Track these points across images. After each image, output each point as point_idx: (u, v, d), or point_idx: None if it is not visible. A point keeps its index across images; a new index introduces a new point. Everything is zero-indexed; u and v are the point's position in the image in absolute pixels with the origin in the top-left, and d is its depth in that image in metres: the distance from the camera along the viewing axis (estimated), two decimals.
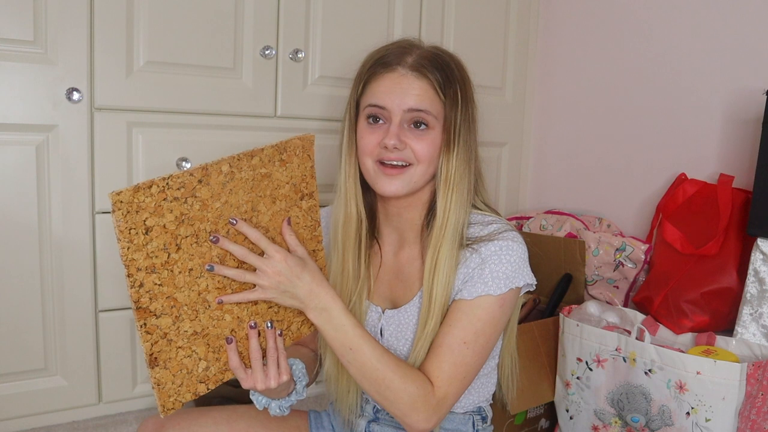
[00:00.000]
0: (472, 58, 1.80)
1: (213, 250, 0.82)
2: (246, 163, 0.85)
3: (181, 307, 0.80)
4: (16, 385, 1.31)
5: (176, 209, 0.78)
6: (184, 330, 0.81)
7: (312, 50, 1.52)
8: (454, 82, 0.97)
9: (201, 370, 0.84)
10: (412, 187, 0.96)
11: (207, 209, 0.81)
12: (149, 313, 0.77)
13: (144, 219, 0.75)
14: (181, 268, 0.79)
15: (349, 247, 1.01)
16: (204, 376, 0.84)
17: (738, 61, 1.45)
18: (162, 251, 0.77)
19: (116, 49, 1.30)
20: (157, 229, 0.76)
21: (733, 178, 1.39)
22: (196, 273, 0.80)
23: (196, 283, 0.81)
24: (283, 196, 0.90)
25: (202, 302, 0.82)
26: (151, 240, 0.76)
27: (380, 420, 1.07)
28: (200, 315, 0.82)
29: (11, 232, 1.26)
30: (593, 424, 1.28)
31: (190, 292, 0.80)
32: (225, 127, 1.44)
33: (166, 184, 0.77)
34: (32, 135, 1.26)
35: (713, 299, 1.31)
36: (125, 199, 0.74)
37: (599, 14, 1.78)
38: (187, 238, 0.79)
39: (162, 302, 0.78)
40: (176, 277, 0.78)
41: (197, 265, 0.80)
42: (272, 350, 0.87)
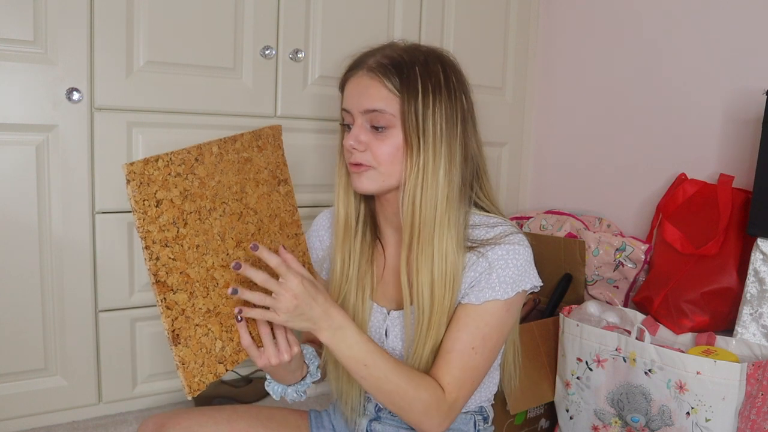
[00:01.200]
0: (472, 58, 1.82)
1: (215, 227, 0.84)
2: (231, 146, 0.88)
3: (193, 284, 0.81)
4: (16, 385, 1.31)
5: (180, 184, 0.80)
6: (199, 307, 0.82)
7: (312, 50, 1.52)
8: (415, 78, 0.93)
9: (218, 349, 0.85)
10: (382, 185, 0.96)
11: (204, 187, 0.83)
12: (167, 287, 0.79)
13: (154, 191, 0.78)
14: (189, 244, 0.81)
15: (346, 249, 1.02)
16: (221, 355, 0.85)
17: (738, 61, 1.45)
18: (172, 225, 0.79)
19: (116, 49, 1.30)
20: (166, 202, 0.78)
21: (733, 178, 1.39)
22: (203, 250, 0.82)
23: (203, 259, 0.82)
24: (264, 180, 0.93)
25: (210, 279, 0.83)
26: (162, 213, 0.78)
27: (382, 419, 1.07)
28: (210, 293, 0.84)
29: (11, 232, 1.26)
30: (593, 424, 1.27)
31: (200, 268, 0.82)
32: (225, 127, 1.44)
33: (170, 159, 0.80)
34: (32, 135, 1.26)
35: (713, 299, 1.31)
36: (137, 170, 0.76)
37: (599, 15, 1.78)
38: (192, 214, 0.81)
39: (177, 277, 0.79)
40: (186, 253, 0.80)
41: (202, 242, 0.82)
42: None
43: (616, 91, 1.73)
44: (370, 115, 0.94)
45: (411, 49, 0.98)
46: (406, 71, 0.95)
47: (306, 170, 1.54)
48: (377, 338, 1.03)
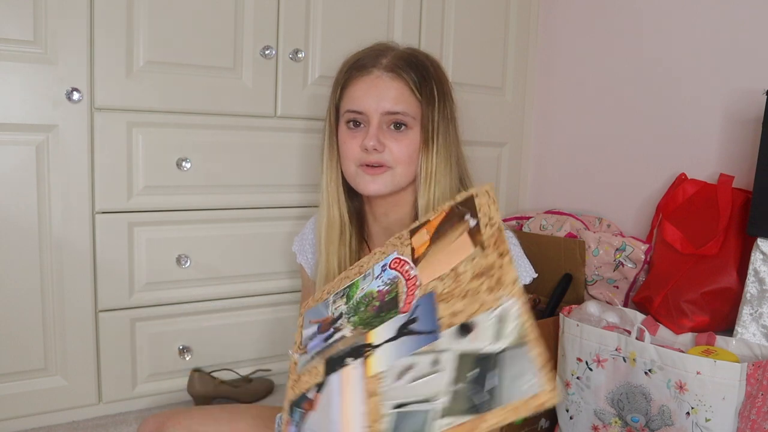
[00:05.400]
0: (472, 58, 1.82)
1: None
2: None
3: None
4: (16, 385, 1.31)
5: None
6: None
7: (312, 50, 1.52)
8: (430, 80, 0.97)
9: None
10: (394, 186, 0.97)
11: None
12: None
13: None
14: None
15: (333, 251, 1.02)
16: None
17: (738, 61, 1.45)
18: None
19: (116, 49, 1.30)
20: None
21: (733, 178, 1.39)
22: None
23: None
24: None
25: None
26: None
27: None
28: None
29: (11, 232, 1.26)
30: (593, 424, 1.27)
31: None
32: (225, 127, 1.44)
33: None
34: (32, 135, 1.26)
35: (713, 299, 1.31)
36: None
37: (599, 14, 1.78)
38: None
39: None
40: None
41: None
42: None
43: (616, 91, 1.73)
44: (392, 117, 0.95)
45: (415, 53, 1.00)
46: (424, 74, 0.97)
47: (306, 170, 1.54)
48: None
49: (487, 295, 0.69)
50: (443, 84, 1.00)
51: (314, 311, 0.90)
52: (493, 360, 0.63)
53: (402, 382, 0.68)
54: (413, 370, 0.69)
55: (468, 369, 0.64)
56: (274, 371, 1.59)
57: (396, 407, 0.67)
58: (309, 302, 0.93)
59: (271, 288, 1.56)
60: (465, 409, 0.61)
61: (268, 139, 1.50)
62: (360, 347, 0.75)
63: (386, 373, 0.70)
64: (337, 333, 0.80)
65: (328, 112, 1.03)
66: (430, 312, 0.72)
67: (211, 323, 1.50)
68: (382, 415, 0.67)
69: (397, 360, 0.71)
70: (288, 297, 1.57)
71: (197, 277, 1.46)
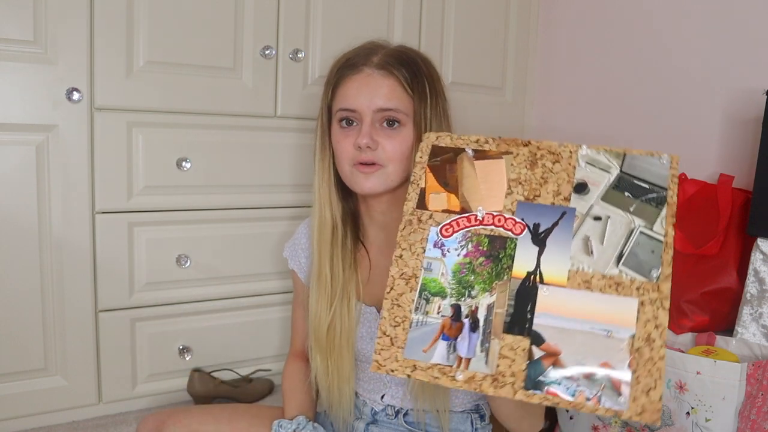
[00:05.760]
0: (472, 58, 1.82)
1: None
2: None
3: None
4: (16, 385, 1.31)
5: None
6: None
7: (312, 50, 1.52)
8: (422, 77, 0.97)
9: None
10: (389, 184, 0.97)
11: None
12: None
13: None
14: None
15: (326, 252, 1.01)
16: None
17: (738, 61, 1.45)
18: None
19: (116, 49, 1.30)
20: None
21: (733, 178, 1.39)
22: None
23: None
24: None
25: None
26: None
27: (379, 422, 1.07)
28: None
29: (11, 232, 1.26)
30: (593, 424, 1.27)
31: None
32: (225, 127, 1.44)
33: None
34: (32, 135, 1.26)
35: (713, 299, 1.31)
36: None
37: (599, 14, 1.78)
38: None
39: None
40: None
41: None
42: None
43: (616, 91, 1.73)
44: (384, 113, 0.95)
45: (406, 50, 1.01)
46: (415, 70, 0.97)
47: (306, 170, 1.54)
48: (370, 338, 1.03)
49: (555, 165, 0.78)
50: (435, 80, 0.99)
51: (413, 344, 0.74)
52: (627, 181, 0.76)
53: (597, 251, 0.73)
54: (591, 239, 0.73)
55: (622, 197, 0.75)
56: (274, 371, 1.59)
57: (618, 261, 0.72)
58: (389, 354, 0.75)
59: (271, 288, 1.56)
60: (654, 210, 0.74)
61: (268, 139, 1.50)
62: (526, 288, 0.73)
63: (576, 262, 0.73)
64: (479, 313, 0.74)
65: (320, 112, 1.03)
66: (537, 209, 0.76)
67: (211, 323, 1.50)
68: (612, 275, 0.71)
69: (568, 252, 0.73)
70: (288, 297, 1.57)
71: (197, 277, 1.46)
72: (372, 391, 1.07)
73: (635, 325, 0.69)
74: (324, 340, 1.02)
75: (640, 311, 0.69)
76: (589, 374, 0.67)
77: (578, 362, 0.68)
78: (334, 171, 1.01)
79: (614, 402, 0.66)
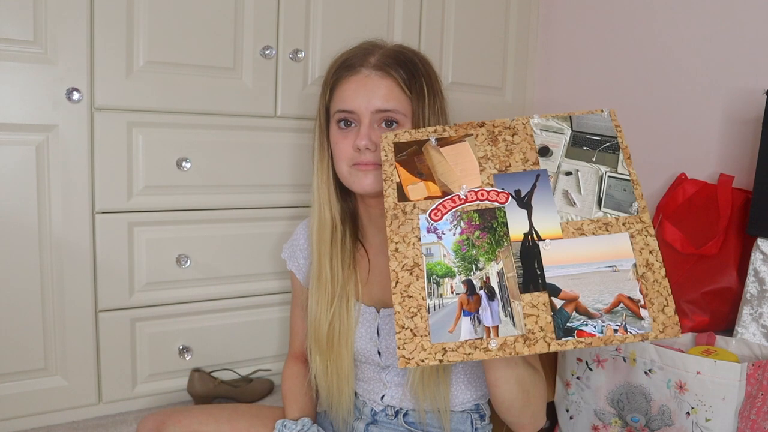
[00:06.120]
0: (472, 58, 1.82)
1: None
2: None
3: None
4: (16, 385, 1.31)
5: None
6: None
7: (312, 50, 1.52)
8: (419, 77, 0.97)
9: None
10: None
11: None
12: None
13: None
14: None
15: (325, 252, 1.02)
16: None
17: (738, 61, 1.45)
18: None
19: (116, 49, 1.30)
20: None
21: (733, 178, 1.39)
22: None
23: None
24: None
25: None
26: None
27: (379, 422, 1.07)
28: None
29: (11, 232, 1.26)
30: (593, 424, 1.27)
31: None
32: (225, 127, 1.44)
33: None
34: (32, 135, 1.26)
35: (713, 299, 1.31)
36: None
37: (599, 14, 1.78)
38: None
39: None
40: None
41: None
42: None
43: (616, 90, 1.73)
44: (382, 114, 0.95)
45: (403, 50, 1.01)
46: (412, 70, 0.97)
47: (305, 170, 1.54)
48: (369, 338, 1.03)
49: (515, 137, 0.85)
50: (432, 80, 0.99)
51: (437, 328, 0.74)
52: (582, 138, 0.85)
53: (578, 200, 0.80)
54: (569, 191, 0.81)
55: (581, 151, 0.84)
56: (274, 371, 1.59)
57: (600, 205, 0.80)
58: (414, 346, 0.75)
59: (272, 288, 1.56)
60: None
61: (269, 139, 1.50)
62: (528, 248, 0.77)
63: (563, 214, 0.79)
64: (492, 282, 0.76)
65: (318, 112, 1.03)
66: (513, 177, 0.82)
67: (211, 323, 1.50)
68: (598, 218, 0.78)
69: (554, 207, 0.79)
70: (288, 297, 1.57)
71: (197, 277, 1.46)
72: (372, 391, 1.07)
73: (633, 254, 0.76)
74: (323, 340, 1.02)
75: (633, 242, 0.76)
76: (609, 308, 0.73)
77: (597, 301, 0.74)
78: (333, 171, 1.02)
79: (639, 327, 0.72)
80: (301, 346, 1.17)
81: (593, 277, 0.75)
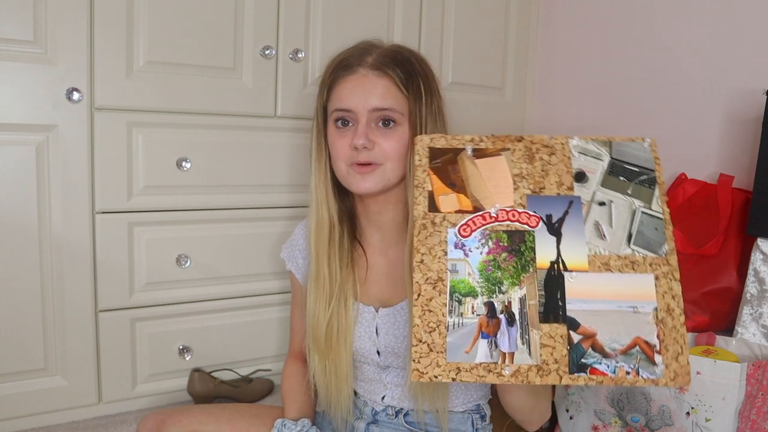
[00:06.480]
0: (472, 58, 1.82)
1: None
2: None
3: None
4: (16, 385, 1.31)
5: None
6: None
7: (312, 50, 1.52)
8: (416, 76, 0.97)
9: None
10: (386, 183, 0.97)
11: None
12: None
13: None
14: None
15: (323, 252, 1.02)
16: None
17: (738, 61, 1.45)
18: None
19: (116, 49, 1.30)
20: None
21: (733, 178, 1.39)
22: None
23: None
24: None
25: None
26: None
27: (379, 422, 1.07)
28: None
29: (11, 232, 1.26)
30: (593, 424, 1.27)
31: None
32: (225, 127, 1.44)
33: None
34: (32, 135, 1.26)
35: (713, 299, 1.31)
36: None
37: (599, 14, 1.78)
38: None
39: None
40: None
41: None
42: None
43: (616, 91, 1.73)
44: (380, 113, 0.95)
45: (400, 50, 1.01)
46: (410, 70, 0.97)
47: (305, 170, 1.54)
48: (368, 337, 1.03)
49: (552, 157, 0.82)
50: (430, 79, 1.00)
51: (454, 347, 0.74)
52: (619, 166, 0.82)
53: (608, 234, 0.78)
54: (601, 223, 0.79)
55: (618, 181, 0.81)
56: (273, 371, 1.59)
57: (629, 241, 0.77)
58: (428, 362, 0.76)
59: (272, 288, 1.56)
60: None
61: (269, 139, 1.50)
62: (553, 278, 0.76)
63: (592, 247, 0.77)
64: (513, 307, 0.76)
65: (316, 112, 1.03)
66: (546, 201, 0.80)
67: (211, 323, 1.50)
68: (626, 255, 0.77)
69: (583, 238, 0.78)
70: (288, 297, 1.57)
71: (197, 277, 1.46)
72: (372, 391, 1.07)
73: (656, 298, 0.74)
74: (322, 339, 1.02)
75: (657, 285, 0.75)
76: (625, 349, 0.73)
77: (613, 340, 0.73)
78: (331, 171, 1.02)
79: (651, 371, 0.71)
80: (300, 346, 1.17)
81: (613, 315, 0.74)
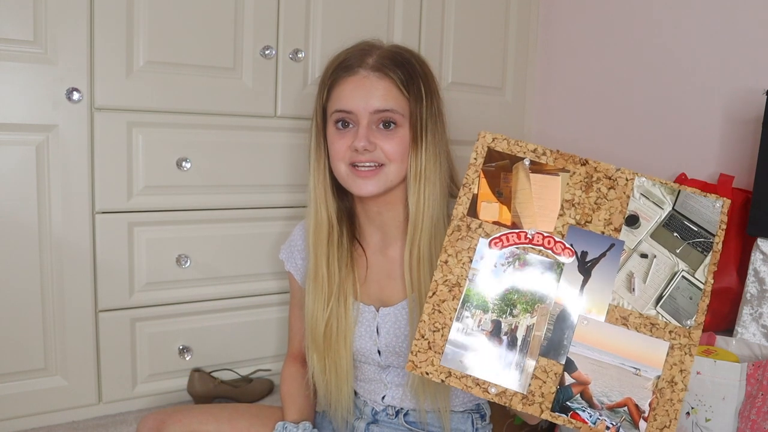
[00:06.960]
0: (472, 58, 1.82)
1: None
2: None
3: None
4: (16, 385, 1.31)
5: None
6: None
7: (312, 50, 1.52)
8: (417, 78, 0.97)
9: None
10: (388, 185, 0.97)
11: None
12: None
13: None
14: None
15: (322, 252, 1.02)
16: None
17: (738, 61, 1.45)
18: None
19: (116, 49, 1.30)
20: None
21: (733, 178, 1.39)
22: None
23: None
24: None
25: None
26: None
27: (380, 422, 1.07)
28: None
29: (11, 232, 1.26)
30: None
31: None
32: (225, 127, 1.44)
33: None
34: (32, 135, 1.26)
35: (713, 299, 1.31)
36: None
37: (599, 14, 1.78)
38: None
39: None
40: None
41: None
42: None
43: (616, 91, 1.73)
44: (381, 115, 0.95)
45: (400, 51, 1.01)
46: (410, 71, 0.97)
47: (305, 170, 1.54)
48: (368, 337, 1.03)
49: (610, 191, 0.78)
50: (430, 80, 1.00)
51: (451, 353, 0.75)
52: (678, 219, 0.77)
53: (638, 289, 0.74)
54: (635, 276, 0.75)
55: (670, 236, 0.76)
56: (273, 371, 1.59)
57: (657, 303, 0.74)
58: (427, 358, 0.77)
59: (272, 288, 1.56)
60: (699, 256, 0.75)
61: (269, 139, 1.50)
62: (567, 316, 0.74)
63: (617, 297, 0.74)
64: (518, 333, 0.75)
65: (315, 112, 1.03)
66: (587, 236, 0.76)
67: (211, 323, 1.50)
68: (649, 315, 0.73)
69: (611, 286, 0.74)
70: (288, 297, 1.57)
71: (197, 277, 1.46)
72: (372, 391, 1.07)
73: (662, 366, 0.72)
74: (321, 339, 1.02)
75: (669, 354, 0.72)
76: (612, 406, 0.72)
77: (604, 394, 0.72)
78: (330, 171, 1.02)
79: None
80: (299, 347, 1.17)
81: (613, 370, 0.72)
